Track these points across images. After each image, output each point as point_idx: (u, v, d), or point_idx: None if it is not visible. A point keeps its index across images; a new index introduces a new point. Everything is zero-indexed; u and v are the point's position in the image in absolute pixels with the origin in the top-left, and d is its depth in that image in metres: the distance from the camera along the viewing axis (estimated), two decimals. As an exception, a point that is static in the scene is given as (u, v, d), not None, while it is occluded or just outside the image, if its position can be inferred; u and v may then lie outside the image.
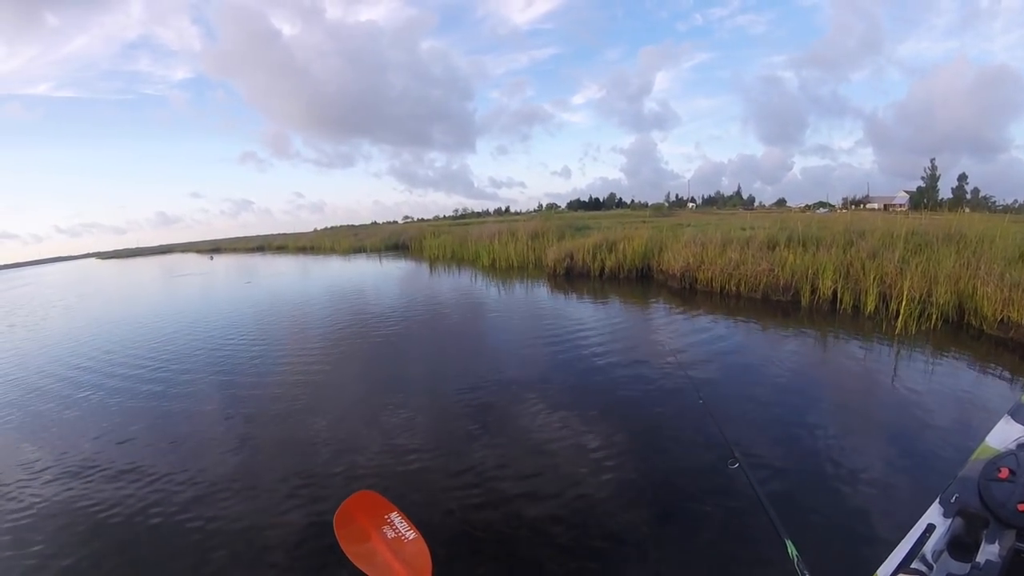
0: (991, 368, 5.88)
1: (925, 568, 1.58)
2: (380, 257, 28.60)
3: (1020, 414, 2.20)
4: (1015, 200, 58.34)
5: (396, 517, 3.07)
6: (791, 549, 1.88)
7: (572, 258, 15.27)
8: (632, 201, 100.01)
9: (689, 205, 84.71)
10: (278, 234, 78.83)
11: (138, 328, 11.48)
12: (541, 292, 12.94)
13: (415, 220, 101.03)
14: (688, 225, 20.21)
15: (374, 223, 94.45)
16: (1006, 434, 2.10)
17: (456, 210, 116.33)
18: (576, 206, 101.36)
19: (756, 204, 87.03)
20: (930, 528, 1.71)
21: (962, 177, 66.64)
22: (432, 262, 23.13)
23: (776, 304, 9.63)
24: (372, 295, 13.93)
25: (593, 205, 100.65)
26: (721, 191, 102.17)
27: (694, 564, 2.95)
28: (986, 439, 2.11)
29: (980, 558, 1.50)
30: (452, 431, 4.86)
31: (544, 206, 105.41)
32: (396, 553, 2.82)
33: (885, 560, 1.67)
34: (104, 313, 15.21)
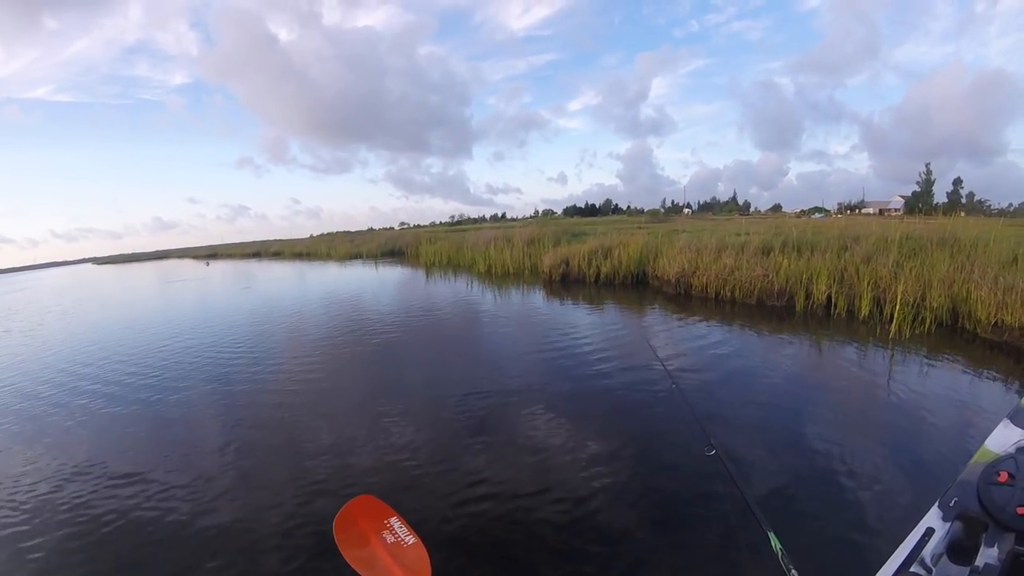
0: (985, 371, 5.89)
1: (924, 571, 1.57)
2: (376, 263, 28.57)
3: (1019, 418, 2.21)
4: (1010, 204, 58.90)
5: (396, 522, 3.06)
6: (774, 542, 1.86)
7: (568, 264, 15.28)
8: (628, 207, 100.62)
9: (685, 211, 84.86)
10: (274, 240, 78.99)
11: (135, 334, 11.41)
12: (537, 298, 12.93)
13: (412, 226, 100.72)
14: (683, 231, 20.26)
15: (370, 229, 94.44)
16: (1005, 438, 2.11)
17: (453, 216, 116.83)
18: (572, 212, 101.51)
19: (752, 210, 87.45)
20: (929, 531, 1.71)
21: (957, 181, 67.15)
22: (428, 268, 23.14)
23: (771, 309, 9.65)
24: (369, 301, 13.89)
25: (589, 211, 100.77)
26: (717, 197, 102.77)
27: (690, 567, 2.95)
28: (985, 443, 2.12)
29: (979, 561, 1.50)
30: (450, 436, 4.84)
31: (541, 212, 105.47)
32: (396, 558, 2.81)
33: (884, 564, 1.67)
34: (101, 319, 15.11)
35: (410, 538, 2.94)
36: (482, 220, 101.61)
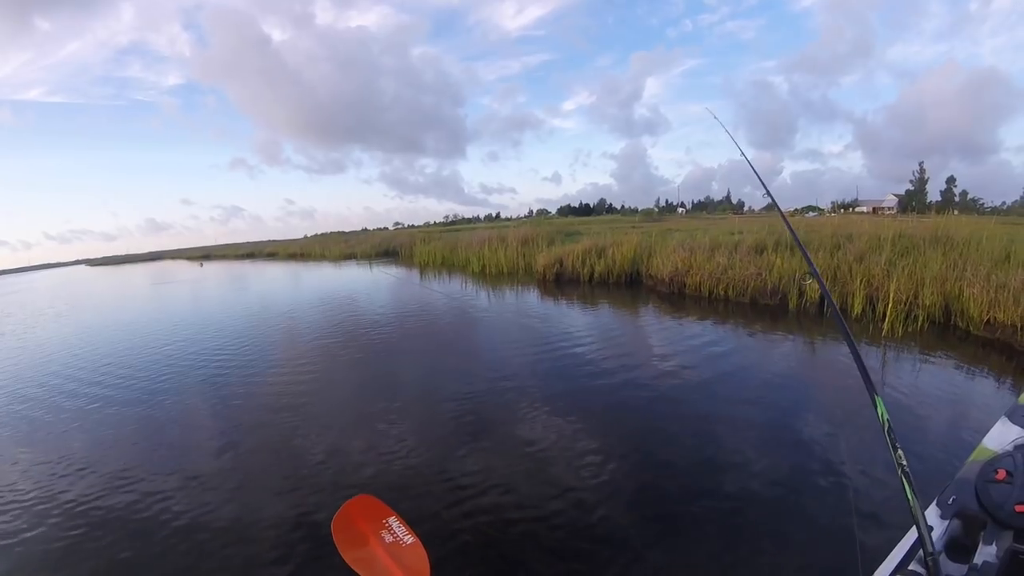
0: (979, 369, 5.90)
1: (922, 569, 1.57)
2: (371, 264, 28.44)
3: (1017, 416, 2.20)
4: (1003, 202, 59.26)
5: (394, 521, 3.04)
6: (881, 410, 1.79)
7: (562, 264, 15.29)
8: (623, 206, 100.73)
9: (679, 210, 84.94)
10: (268, 241, 78.98)
11: (130, 336, 11.28)
12: (531, 298, 12.91)
13: (406, 227, 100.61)
14: (677, 230, 20.30)
15: (364, 230, 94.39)
16: (1003, 436, 2.10)
17: (447, 216, 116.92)
18: (567, 212, 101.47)
19: (746, 209, 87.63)
20: (927, 530, 1.71)
21: (950, 180, 67.57)
22: (423, 269, 23.09)
23: (764, 308, 9.65)
24: (363, 302, 13.82)
25: (584, 211, 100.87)
26: (711, 196, 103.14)
27: (689, 565, 2.95)
28: (983, 441, 2.12)
29: (977, 559, 1.50)
30: (446, 436, 4.82)
31: (535, 212, 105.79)
32: (395, 558, 2.79)
33: (882, 562, 1.66)
34: (95, 321, 14.93)
35: (409, 538, 2.92)
36: (476, 220, 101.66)
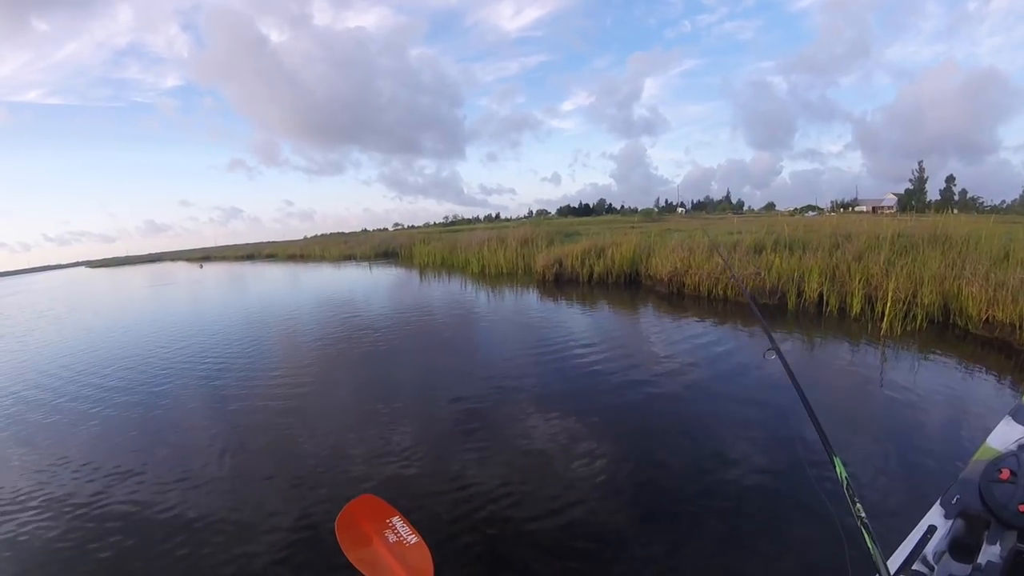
0: (977, 367, 5.90)
1: (926, 569, 1.59)
2: (370, 265, 28.47)
3: (1021, 415, 2.20)
4: (1003, 200, 59.23)
5: (398, 521, 3.08)
6: (840, 469, 1.77)
7: (561, 264, 15.29)
8: (622, 207, 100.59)
9: (679, 210, 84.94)
10: (268, 242, 78.78)
11: (131, 338, 11.27)
12: (531, 298, 12.91)
13: (405, 227, 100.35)
14: (677, 230, 20.31)
15: (364, 231, 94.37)
16: (1007, 435, 2.10)
17: (446, 217, 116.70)
18: (566, 212, 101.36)
19: (745, 208, 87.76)
20: (931, 529, 1.72)
21: (950, 179, 67.56)
22: (422, 269, 23.08)
23: (763, 308, 9.62)
24: (363, 303, 13.82)
25: (583, 211, 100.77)
26: (710, 196, 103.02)
27: (689, 564, 2.96)
28: (987, 440, 2.11)
29: (981, 559, 1.50)
30: (448, 436, 4.83)
31: (534, 212, 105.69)
32: (398, 557, 2.82)
33: (887, 561, 1.67)
34: (95, 323, 14.90)
35: (412, 537, 2.94)
36: (476, 221, 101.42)
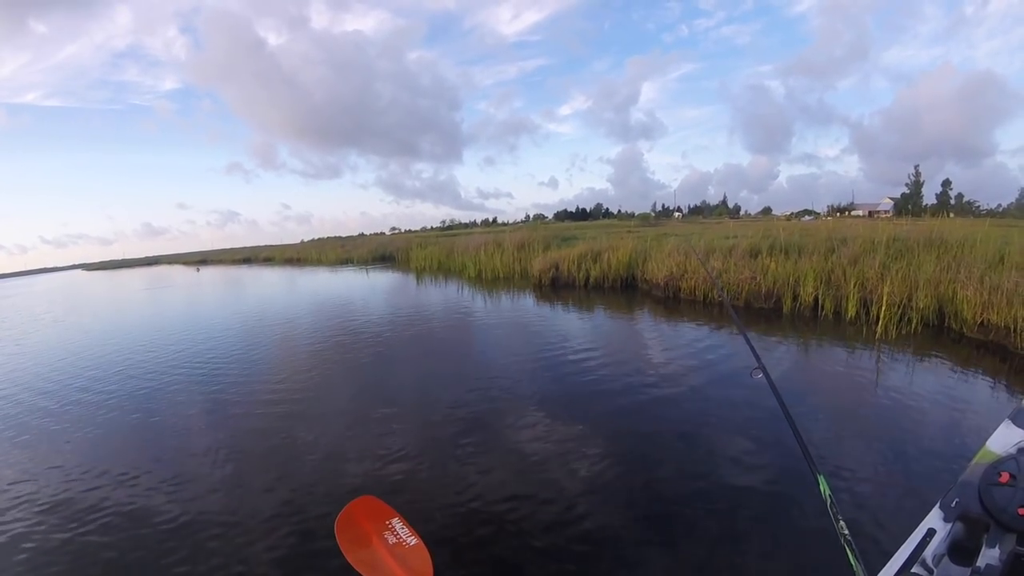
0: (973, 371, 5.91)
1: (925, 572, 1.58)
2: (367, 269, 28.47)
3: (1021, 418, 2.20)
4: (999, 204, 59.40)
5: (397, 523, 3.07)
6: (824, 487, 1.77)
7: (558, 268, 15.30)
8: (619, 211, 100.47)
9: (676, 215, 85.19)
10: (265, 246, 78.58)
11: (129, 341, 11.18)
12: (527, 302, 12.90)
13: (402, 231, 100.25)
14: (673, 234, 20.34)
15: (361, 234, 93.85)
16: (1007, 438, 2.10)
17: (443, 221, 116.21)
18: (563, 216, 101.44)
19: (742, 213, 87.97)
20: (930, 532, 1.71)
21: (946, 183, 67.64)
22: (419, 273, 23.06)
23: (759, 312, 9.66)
24: (360, 307, 13.78)
25: (580, 215, 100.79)
26: (707, 200, 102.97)
27: (684, 566, 2.97)
28: (987, 443, 2.11)
29: (980, 562, 1.49)
30: (447, 439, 4.81)
31: (531, 217, 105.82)
32: (398, 558, 2.81)
33: (886, 565, 1.67)
34: (93, 326, 14.84)
35: (412, 539, 2.95)
36: (473, 225, 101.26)
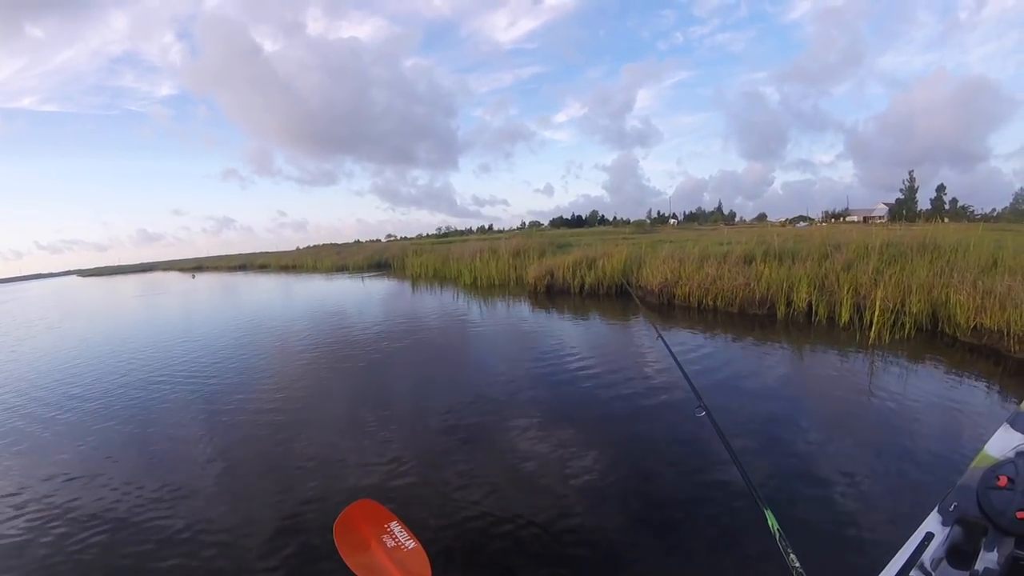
0: (967, 374, 5.91)
1: None
2: (363, 276, 28.38)
3: (1019, 422, 2.22)
4: (993, 209, 59.80)
5: (396, 526, 3.06)
6: (771, 522, 1.76)
7: (553, 275, 15.30)
8: (615, 218, 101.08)
9: (671, 221, 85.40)
10: (260, 252, 78.51)
11: (123, 349, 11.04)
12: (522, 309, 12.88)
13: (398, 238, 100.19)
14: (668, 241, 20.39)
15: (357, 241, 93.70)
16: (1005, 442, 2.11)
17: (439, 228, 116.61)
18: (559, 223, 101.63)
19: (737, 219, 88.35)
20: (928, 536, 1.71)
21: (940, 188, 68.12)
22: (415, 281, 23.04)
23: (752, 318, 9.66)
24: (356, 315, 13.70)
25: (576, 222, 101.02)
26: (702, 207, 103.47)
27: (680, 569, 2.98)
28: (985, 447, 2.12)
29: (979, 566, 1.50)
30: (444, 444, 4.81)
31: (527, 224, 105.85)
32: (396, 562, 2.81)
33: (883, 569, 1.66)
34: (88, 333, 14.65)
35: (410, 543, 2.94)
36: (469, 232, 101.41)
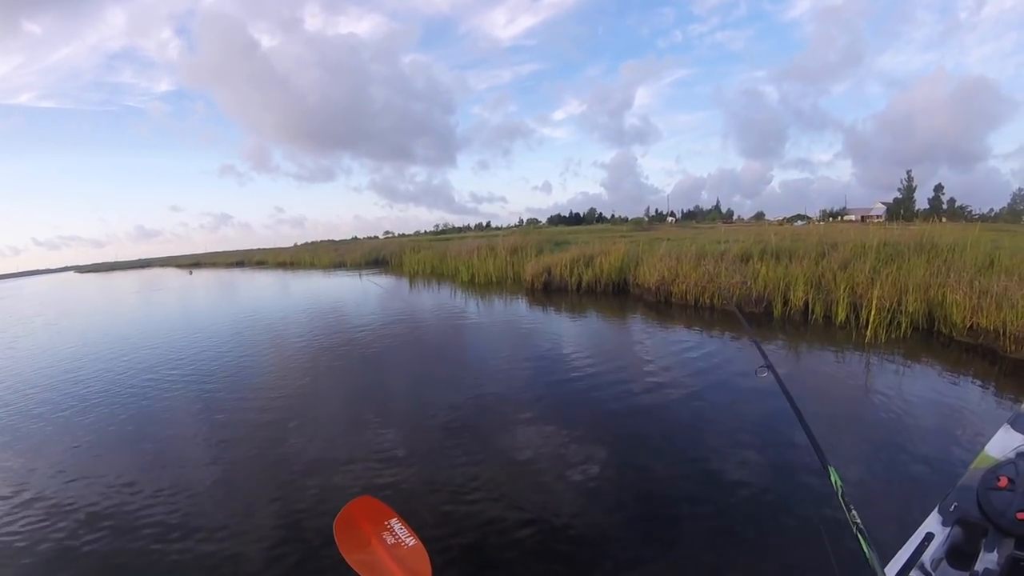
0: (963, 374, 5.92)
1: None
2: (360, 273, 28.29)
3: (1019, 423, 2.21)
4: (991, 208, 59.81)
5: (396, 523, 3.07)
6: (835, 478, 1.76)
7: (550, 273, 15.29)
8: (613, 216, 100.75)
9: (669, 219, 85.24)
10: (258, 249, 77.99)
11: (121, 346, 10.96)
12: (520, 307, 12.88)
13: (396, 235, 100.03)
14: (666, 239, 20.37)
15: (355, 238, 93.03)
16: (1005, 443, 2.11)
17: (437, 225, 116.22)
18: (557, 221, 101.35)
19: (735, 218, 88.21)
20: (928, 537, 1.71)
21: (938, 187, 67.97)
22: (412, 277, 23.01)
23: (749, 316, 9.64)
24: (354, 312, 13.68)
25: (574, 220, 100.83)
26: (701, 205, 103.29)
27: (680, 566, 3.00)
28: (985, 448, 2.12)
29: (979, 566, 1.50)
30: (443, 442, 4.80)
31: (525, 221, 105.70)
32: (396, 559, 2.82)
33: (883, 569, 1.66)
34: (86, 330, 14.56)
35: (411, 539, 2.95)
36: (467, 229, 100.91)
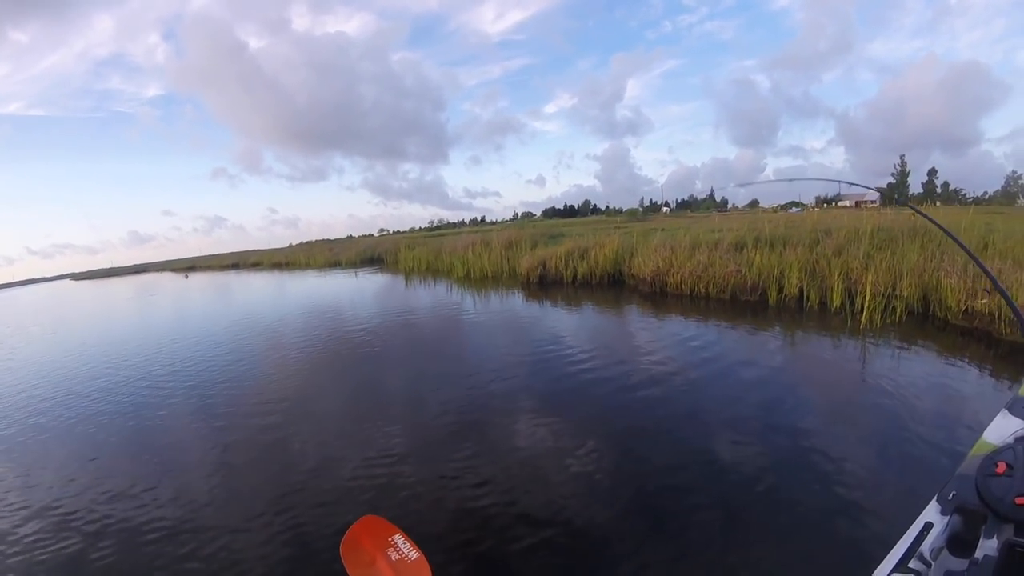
0: (959, 357, 5.93)
1: (923, 567, 1.54)
2: (356, 271, 28.25)
3: (1017, 408, 2.19)
4: (985, 192, 59.86)
5: (399, 538, 3.09)
6: None
7: (545, 266, 15.27)
8: (607, 207, 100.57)
9: (663, 209, 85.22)
10: (252, 250, 77.75)
11: (119, 354, 10.89)
12: (515, 301, 12.85)
13: (391, 233, 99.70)
14: (661, 229, 20.35)
15: (349, 237, 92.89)
16: (1004, 428, 2.08)
17: (431, 221, 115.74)
18: (551, 214, 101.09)
19: (730, 206, 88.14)
20: (928, 526, 1.68)
21: (932, 172, 67.98)
22: (408, 275, 22.92)
23: (744, 304, 9.66)
24: (350, 311, 13.61)
25: (568, 212, 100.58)
26: (695, 194, 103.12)
27: (682, 562, 2.99)
28: (983, 435, 2.10)
29: (979, 554, 1.46)
30: (443, 445, 4.75)
31: (519, 215, 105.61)
32: (400, 574, 2.84)
33: (883, 560, 1.64)
34: (82, 338, 14.48)
35: (413, 553, 2.98)
36: (461, 224, 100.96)
